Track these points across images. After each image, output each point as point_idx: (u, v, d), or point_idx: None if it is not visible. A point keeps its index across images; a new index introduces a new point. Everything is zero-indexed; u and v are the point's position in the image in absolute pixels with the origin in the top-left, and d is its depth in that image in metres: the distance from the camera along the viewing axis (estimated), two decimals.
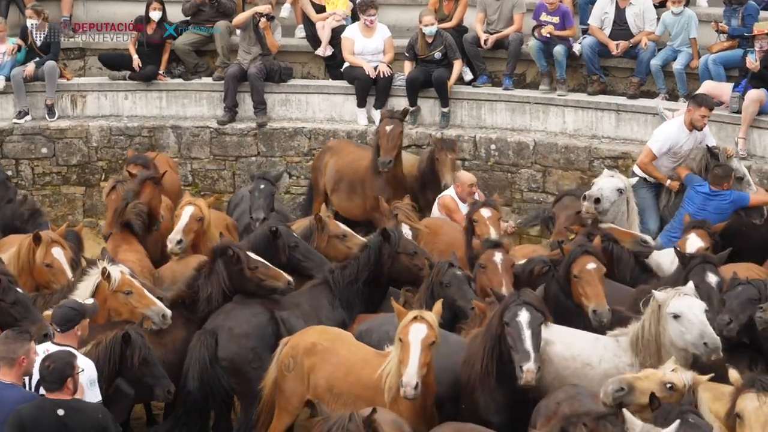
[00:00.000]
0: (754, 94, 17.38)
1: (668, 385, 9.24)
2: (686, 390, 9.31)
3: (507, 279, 12.52)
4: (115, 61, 20.94)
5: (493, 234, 14.12)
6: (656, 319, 10.60)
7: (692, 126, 15.60)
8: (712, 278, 11.97)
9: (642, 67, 19.18)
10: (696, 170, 15.70)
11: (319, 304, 13.18)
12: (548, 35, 19.23)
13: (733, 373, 9.36)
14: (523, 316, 10.47)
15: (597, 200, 14.34)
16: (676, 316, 10.45)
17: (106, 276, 11.98)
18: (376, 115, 19.80)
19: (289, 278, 13.05)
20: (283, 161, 20.02)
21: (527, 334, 10.39)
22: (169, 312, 12.14)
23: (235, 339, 12.48)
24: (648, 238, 14.47)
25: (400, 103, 19.84)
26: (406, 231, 14.86)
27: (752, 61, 17.27)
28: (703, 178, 15.43)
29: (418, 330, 10.25)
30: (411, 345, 10.16)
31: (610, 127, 19.09)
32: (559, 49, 19.17)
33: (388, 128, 17.35)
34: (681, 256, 12.43)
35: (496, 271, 12.62)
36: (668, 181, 15.64)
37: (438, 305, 10.79)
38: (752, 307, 11.56)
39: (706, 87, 18.00)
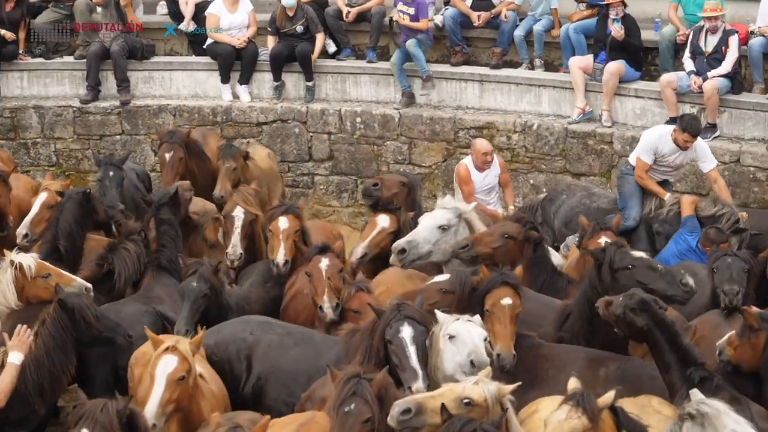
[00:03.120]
0: (612, 68, 16.96)
1: (465, 401, 8.01)
2: (489, 404, 8.06)
3: (330, 286, 11.02)
4: None
5: (280, 256, 12.12)
6: (435, 341, 9.43)
7: (677, 145, 14.14)
8: (638, 253, 10.70)
9: (504, 37, 18.48)
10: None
11: (174, 293, 12.13)
12: (397, 22, 18.25)
13: (572, 382, 8.26)
14: (406, 332, 9.35)
15: (402, 251, 12.02)
16: (451, 337, 9.25)
17: (18, 267, 11.17)
18: (241, 90, 19.05)
19: None
20: (148, 139, 19.01)
21: (412, 350, 9.26)
22: (90, 285, 11.41)
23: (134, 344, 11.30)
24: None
25: (264, 78, 19.14)
26: (240, 215, 13.35)
27: (617, 30, 16.70)
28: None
29: (166, 363, 9.05)
30: (156, 380, 8.99)
31: (474, 98, 18.37)
32: (411, 43, 18.13)
33: (167, 156, 15.67)
34: (593, 252, 11.02)
35: (321, 279, 11.11)
36: (668, 195, 14.18)
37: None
38: (746, 277, 11.17)
39: (574, 62, 17.38)
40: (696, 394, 8.01)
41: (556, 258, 12.67)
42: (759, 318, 9.72)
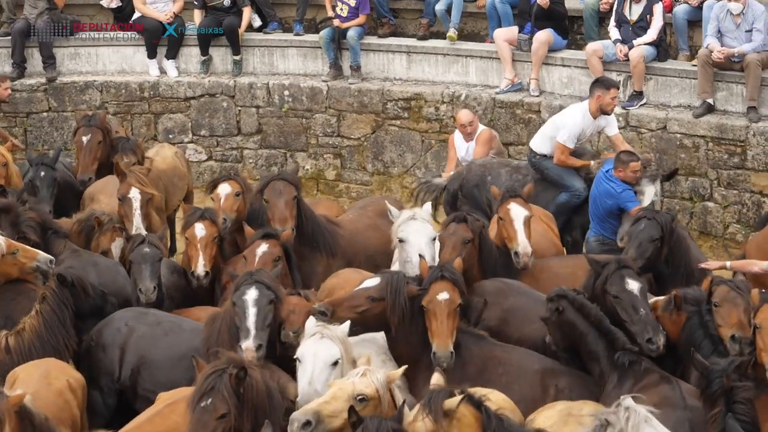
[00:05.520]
0: (542, 36, 16.49)
1: (359, 398, 7.50)
2: (381, 394, 7.56)
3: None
4: None
5: (200, 267, 11.12)
6: None
7: (600, 111, 13.62)
8: (633, 285, 9.64)
9: (430, 8, 17.91)
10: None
11: None
12: (336, 26, 17.59)
13: (435, 376, 7.76)
14: (250, 294, 9.12)
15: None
16: (299, 360, 8.57)
17: None
18: (168, 65, 18.39)
19: None
20: (75, 116, 17.92)
21: (252, 311, 9.01)
22: (53, 257, 10.92)
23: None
24: None
25: (191, 52, 18.48)
26: (136, 195, 12.60)
27: None
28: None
29: None
30: None
31: (401, 69, 17.78)
32: (352, 34, 17.52)
33: (84, 139, 14.72)
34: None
35: (252, 264, 10.40)
36: (592, 162, 13.58)
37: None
38: (651, 246, 11.03)
39: (498, 35, 16.83)
40: (626, 400, 7.39)
41: None
42: (683, 299, 9.32)
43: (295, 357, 8.50)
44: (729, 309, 9.10)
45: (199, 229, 11.35)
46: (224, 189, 12.11)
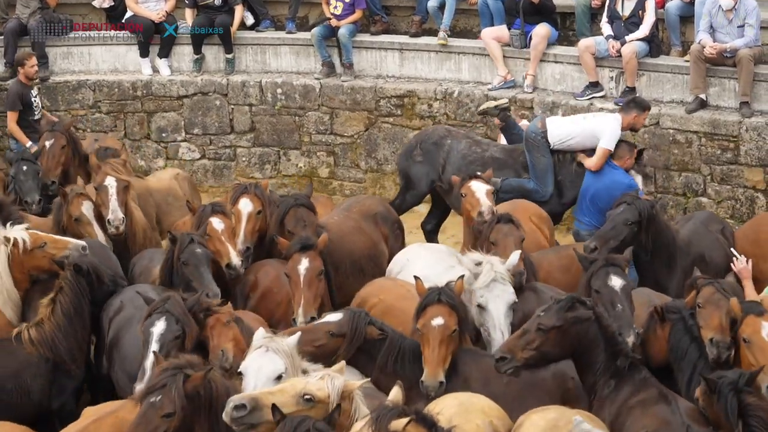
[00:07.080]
0: (541, 31, 16.33)
1: (306, 397, 7.20)
2: (332, 400, 7.24)
3: (308, 294, 9.91)
4: None
5: (235, 259, 10.83)
6: None
7: (630, 128, 13.73)
8: (616, 281, 9.57)
9: (422, 5, 17.72)
10: None
11: None
12: (334, 26, 17.39)
13: (394, 391, 7.34)
14: (157, 327, 8.74)
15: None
16: (240, 374, 8.21)
17: (12, 242, 10.59)
18: (161, 64, 18.19)
19: None
20: (68, 115, 17.92)
21: (154, 347, 8.58)
22: (85, 243, 10.83)
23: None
24: None
25: (184, 51, 18.27)
26: (112, 183, 12.42)
27: None
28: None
29: None
30: None
31: (394, 66, 17.59)
32: (344, 32, 17.31)
33: (47, 143, 14.51)
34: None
35: (298, 286, 10.02)
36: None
37: None
38: (626, 230, 11.15)
39: (486, 34, 16.72)
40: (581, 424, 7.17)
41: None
42: (665, 310, 9.12)
43: (238, 371, 8.12)
44: (711, 311, 8.89)
45: (217, 223, 11.03)
46: (246, 206, 11.65)
